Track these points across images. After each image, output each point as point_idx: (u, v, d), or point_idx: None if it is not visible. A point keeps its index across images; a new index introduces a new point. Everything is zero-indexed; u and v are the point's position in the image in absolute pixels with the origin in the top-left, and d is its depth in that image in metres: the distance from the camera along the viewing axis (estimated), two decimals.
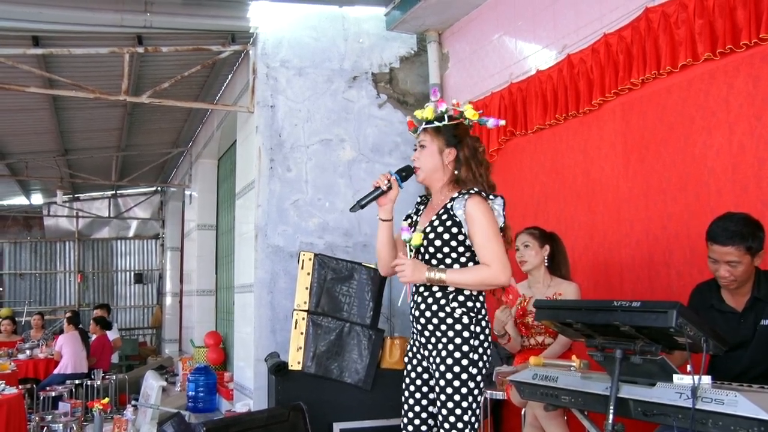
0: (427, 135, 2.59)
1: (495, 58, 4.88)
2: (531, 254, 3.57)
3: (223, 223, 8.29)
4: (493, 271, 2.43)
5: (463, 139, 2.59)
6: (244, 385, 5.51)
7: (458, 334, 2.45)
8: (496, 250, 2.44)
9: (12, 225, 13.23)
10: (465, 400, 2.43)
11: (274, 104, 5.18)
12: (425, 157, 2.58)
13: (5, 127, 7.64)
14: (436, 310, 2.50)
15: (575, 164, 4.09)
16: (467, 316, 2.48)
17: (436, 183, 2.61)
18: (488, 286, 2.52)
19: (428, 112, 2.59)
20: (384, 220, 2.62)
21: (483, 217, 2.45)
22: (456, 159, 2.57)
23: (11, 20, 4.66)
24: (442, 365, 2.45)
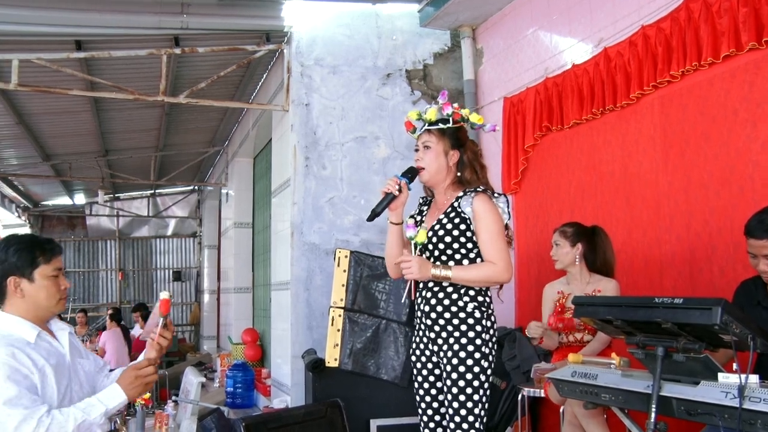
0: (432, 136, 2.63)
1: (530, 53, 4.82)
2: (561, 253, 3.53)
3: (259, 221, 8.37)
4: (497, 268, 2.49)
5: (465, 143, 2.66)
6: (282, 381, 5.57)
7: (471, 328, 2.50)
8: (500, 248, 2.51)
9: (57, 224, 13.60)
10: (476, 393, 2.47)
11: (309, 102, 5.21)
12: (430, 157, 2.62)
13: (50, 129, 7.85)
14: (447, 304, 2.54)
15: (612, 159, 4.03)
16: (479, 310, 2.53)
17: (440, 184, 2.66)
18: (492, 284, 2.57)
19: (431, 113, 2.63)
20: (395, 223, 2.66)
21: (489, 214, 2.52)
22: (459, 161, 2.63)
23: (56, 26, 4.79)
24: (454, 359, 2.48)
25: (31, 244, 2.12)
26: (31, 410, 1.95)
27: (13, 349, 2.00)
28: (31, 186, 11.61)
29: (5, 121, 7.17)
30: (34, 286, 2.09)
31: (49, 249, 2.14)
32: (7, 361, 1.96)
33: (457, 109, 2.63)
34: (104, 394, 2.11)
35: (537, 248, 4.66)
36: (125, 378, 2.16)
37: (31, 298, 2.09)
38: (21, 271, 2.07)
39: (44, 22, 4.73)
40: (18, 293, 2.07)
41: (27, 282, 2.08)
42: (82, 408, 2.04)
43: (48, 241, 2.19)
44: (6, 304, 2.09)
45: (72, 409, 2.03)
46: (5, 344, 2.00)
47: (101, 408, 2.06)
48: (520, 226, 4.84)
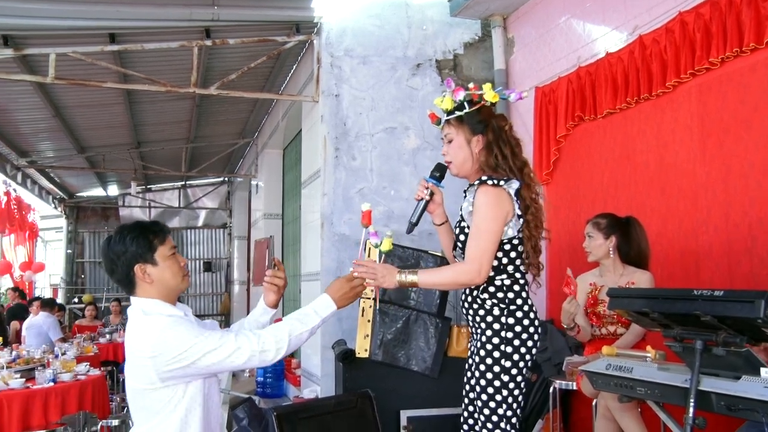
0: (452, 127, 2.46)
1: (562, 42, 4.75)
2: (594, 245, 3.47)
3: (289, 211, 8.42)
4: (465, 269, 2.32)
5: (488, 123, 2.44)
6: (311, 371, 5.60)
7: (489, 326, 2.39)
8: (479, 246, 2.30)
9: (91, 216, 13.85)
10: (499, 393, 2.35)
11: (339, 93, 5.21)
12: (454, 150, 2.46)
13: (85, 121, 7.99)
14: (470, 302, 2.47)
15: (647, 149, 3.95)
16: (498, 307, 2.38)
17: (469, 174, 2.50)
18: (460, 285, 2.42)
19: (447, 102, 2.45)
20: (439, 224, 2.60)
21: (483, 208, 2.32)
22: (485, 145, 2.43)
23: (91, 19, 4.86)
24: (477, 356, 2.43)
25: (144, 230, 2.15)
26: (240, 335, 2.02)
27: (179, 318, 2.08)
28: (66, 178, 11.84)
29: (43, 114, 7.31)
30: (158, 268, 2.11)
31: (160, 230, 2.18)
32: (185, 321, 2.06)
33: (474, 89, 2.44)
34: (317, 304, 2.15)
35: (569, 240, 4.60)
36: (335, 288, 2.21)
37: (159, 281, 2.12)
38: (144, 257, 2.10)
39: (80, 16, 4.80)
40: (147, 279, 2.11)
41: (151, 266, 2.11)
42: (299, 318, 2.11)
43: (156, 224, 2.22)
44: (138, 291, 2.13)
45: (286, 320, 2.10)
46: (171, 315, 2.07)
47: (316, 319, 2.12)
48: (551, 217, 4.77)
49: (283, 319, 2.13)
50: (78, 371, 5.32)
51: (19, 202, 9.96)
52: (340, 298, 2.20)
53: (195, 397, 2.07)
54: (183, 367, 1.99)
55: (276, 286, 2.28)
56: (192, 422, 2.05)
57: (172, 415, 2.04)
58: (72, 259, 13.70)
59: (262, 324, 2.30)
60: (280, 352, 2.05)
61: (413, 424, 3.99)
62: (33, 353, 5.94)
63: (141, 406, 2.08)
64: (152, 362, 1.99)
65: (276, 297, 2.29)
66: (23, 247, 10.91)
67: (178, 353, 1.97)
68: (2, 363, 5.22)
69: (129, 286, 2.15)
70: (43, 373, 4.94)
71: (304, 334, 2.10)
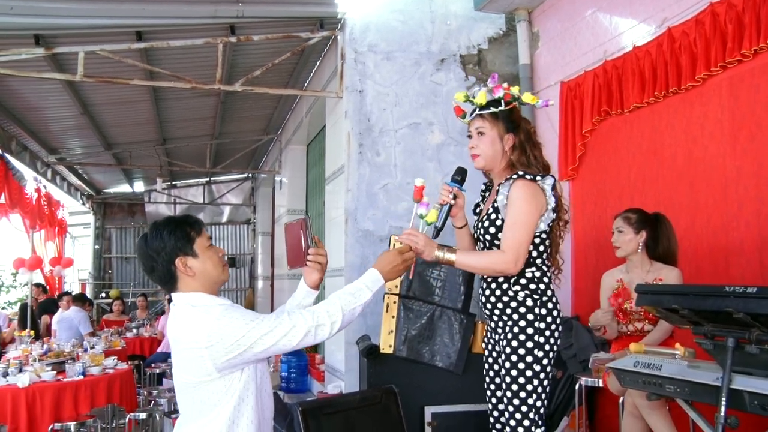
0: (486, 121, 2.54)
1: (588, 36, 4.70)
2: (624, 240, 3.44)
3: (313, 207, 8.44)
4: (504, 258, 2.38)
5: (519, 124, 2.56)
6: (335, 367, 5.62)
7: (522, 317, 2.44)
8: (516, 237, 2.39)
9: (118, 212, 14.03)
10: (530, 383, 2.41)
11: (363, 89, 5.21)
12: (485, 144, 2.54)
13: (112, 118, 8.09)
14: (499, 294, 2.50)
15: (676, 143, 3.89)
16: (530, 298, 2.46)
17: (496, 169, 2.59)
18: (494, 273, 2.46)
19: (481, 97, 2.53)
20: (460, 227, 2.65)
21: (519, 201, 2.41)
22: (515, 144, 2.54)
23: (118, 17, 4.92)
24: (507, 348, 2.45)
25: (180, 223, 2.14)
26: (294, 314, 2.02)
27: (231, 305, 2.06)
28: (94, 174, 12.01)
29: (71, 111, 7.42)
30: (199, 260, 2.09)
31: (195, 222, 2.17)
32: (237, 306, 2.05)
33: (507, 89, 2.53)
34: (366, 279, 2.15)
35: (595, 235, 4.55)
36: (385, 261, 2.20)
37: (201, 273, 2.09)
38: (184, 250, 2.08)
39: (107, 14, 4.86)
40: (189, 272, 2.09)
41: (192, 258, 2.09)
42: (351, 292, 2.10)
43: (190, 216, 2.21)
44: (180, 286, 2.11)
45: (338, 295, 2.09)
46: (221, 305, 2.05)
47: (368, 293, 2.12)
48: (577, 213, 4.73)
49: (332, 295, 2.10)
50: (106, 365, 5.41)
51: (49, 198, 10.12)
52: (389, 271, 2.20)
53: (248, 386, 2.05)
54: (241, 353, 1.97)
55: (320, 264, 2.25)
56: (245, 411, 2.03)
57: (226, 406, 2.02)
58: (99, 254, 13.90)
59: (305, 307, 2.25)
60: (335, 326, 2.03)
61: (437, 420, 3.98)
62: (63, 347, 6.05)
63: (196, 399, 2.05)
64: (209, 352, 1.96)
65: (320, 276, 2.26)
66: (53, 243, 11.09)
67: (235, 339, 1.95)
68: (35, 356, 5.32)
69: (171, 282, 2.12)
70: (73, 366, 5.03)
71: (357, 308, 2.08)
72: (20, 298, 14.68)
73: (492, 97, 2.53)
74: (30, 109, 7.35)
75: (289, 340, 1.99)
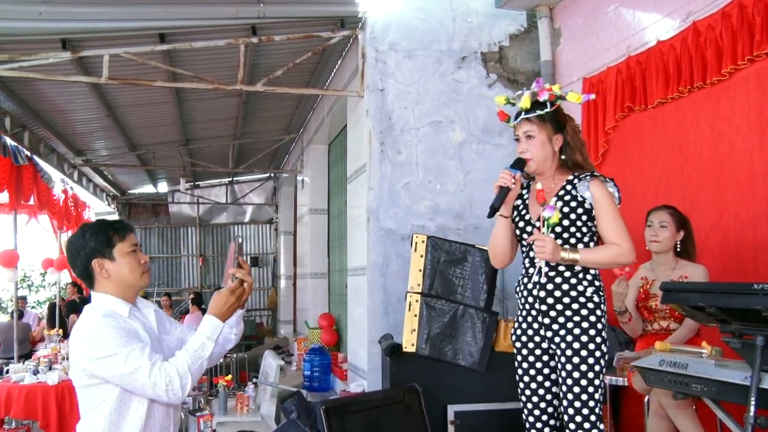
0: (533, 125, 2.57)
1: (611, 31, 4.65)
2: (666, 235, 3.39)
3: (335, 207, 8.47)
4: (624, 249, 2.46)
5: (565, 124, 2.60)
6: (358, 365, 5.64)
7: (592, 312, 2.48)
8: (623, 229, 2.49)
9: (142, 212, 14.21)
10: (597, 378, 2.45)
11: (384, 88, 5.21)
12: (536, 147, 2.57)
13: (136, 120, 8.20)
14: (567, 289, 2.51)
15: (701, 139, 3.84)
16: (597, 294, 2.51)
17: (547, 171, 2.62)
18: (617, 265, 2.58)
19: (526, 101, 2.57)
20: (506, 216, 2.65)
21: (607, 198, 2.51)
22: (564, 144, 2.58)
23: (142, 20, 4.99)
24: (576, 343, 2.45)
25: (103, 226, 2.25)
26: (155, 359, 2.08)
27: (118, 320, 2.14)
28: (119, 175, 12.18)
29: (97, 113, 7.53)
30: (116, 264, 2.20)
31: (121, 227, 2.26)
32: (118, 325, 2.10)
33: (550, 90, 2.56)
34: (206, 329, 2.19)
35: None
36: (218, 305, 2.24)
37: (116, 276, 2.20)
38: (101, 253, 2.19)
39: (131, 17, 4.93)
40: (104, 274, 2.19)
41: (109, 261, 2.19)
42: (196, 349, 2.15)
43: (118, 221, 2.34)
44: (96, 286, 2.23)
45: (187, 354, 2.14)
46: (108, 315, 2.13)
47: (211, 345, 2.17)
48: None
49: (180, 352, 2.15)
50: None
51: (75, 199, 10.28)
52: (224, 312, 2.24)
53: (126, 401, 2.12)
54: (98, 371, 2.07)
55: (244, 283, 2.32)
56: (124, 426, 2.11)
57: (99, 415, 2.10)
58: None
59: (230, 325, 2.35)
60: (185, 388, 2.10)
61: (460, 418, 3.98)
62: None
63: (81, 397, 2.16)
64: (80, 358, 2.08)
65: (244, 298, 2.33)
66: None
67: (99, 356, 2.04)
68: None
69: (89, 281, 2.23)
70: None
71: (204, 363, 2.16)
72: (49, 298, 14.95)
73: (537, 99, 2.57)
74: (57, 111, 7.48)
75: (143, 389, 2.06)
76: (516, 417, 3.98)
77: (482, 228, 5.15)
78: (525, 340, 2.63)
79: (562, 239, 2.53)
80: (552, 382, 2.59)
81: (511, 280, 5.12)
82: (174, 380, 2.05)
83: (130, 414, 2.12)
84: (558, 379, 2.53)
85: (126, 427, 2.12)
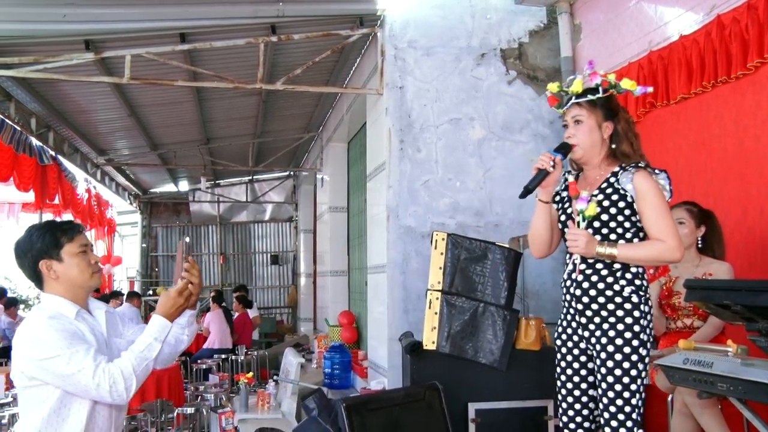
0: (583, 110, 2.47)
1: (632, 26, 4.60)
2: (684, 232, 3.34)
3: (354, 204, 8.48)
4: (668, 246, 2.32)
5: (618, 112, 2.49)
6: (378, 363, 5.64)
7: (629, 314, 2.37)
8: (669, 224, 2.35)
9: (163, 211, 14.34)
10: (634, 382, 2.34)
11: (403, 85, 5.20)
12: (583, 133, 2.47)
13: (157, 119, 8.28)
14: (603, 288, 2.41)
15: (725, 134, 3.78)
16: (636, 294, 2.39)
17: (594, 159, 2.51)
18: (661, 263, 2.49)
19: (577, 85, 2.47)
20: (545, 201, 2.56)
21: (653, 191, 2.36)
22: (614, 133, 2.46)
23: (163, 20, 5.04)
24: (610, 346, 2.36)
25: (51, 227, 2.24)
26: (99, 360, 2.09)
27: (62, 321, 2.15)
28: (140, 174, 12.30)
29: (119, 113, 7.62)
30: (64, 265, 2.20)
31: (70, 228, 2.26)
32: (62, 327, 2.11)
33: (604, 76, 2.47)
34: (153, 330, 2.20)
35: None
36: (166, 306, 2.25)
37: (64, 277, 2.20)
38: (49, 254, 2.19)
39: (152, 18, 4.98)
40: (52, 275, 2.20)
41: (57, 263, 2.20)
42: (142, 350, 2.15)
43: (67, 222, 2.32)
44: (45, 287, 2.23)
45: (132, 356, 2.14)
46: (53, 317, 2.14)
47: (157, 345, 2.18)
48: None
49: (126, 353, 2.15)
50: None
51: (98, 198, 10.43)
52: (172, 313, 2.24)
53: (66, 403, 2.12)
54: (40, 374, 2.06)
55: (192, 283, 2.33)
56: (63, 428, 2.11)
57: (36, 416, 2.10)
58: (146, 252, 14.23)
59: (181, 326, 2.37)
60: (130, 390, 2.09)
61: (481, 416, 3.96)
62: None
63: (22, 397, 2.16)
64: (22, 359, 2.08)
65: (194, 298, 2.35)
66: (103, 242, 11.42)
67: (41, 357, 2.04)
68: None
69: (38, 282, 2.23)
70: None
71: (150, 363, 2.16)
72: None
73: (589, 84, 2.47)
74: (81, 112, 7.58)
75: (86, 390, 2.06)
76: (538, 415, 3.98)
77: (502, 225, 5.13)
78: (564, 338, 2.56)
79: (602, 235, 2.41)
80: (589, 384, 2.50)
81: (531, 278, 5.09)
82: (118, 381, 2.06)
83: (70, 416, 2.12)
84: (595, 381, 2.45)
85: (67, 429, 2.12)
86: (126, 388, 2.07)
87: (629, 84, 2.49)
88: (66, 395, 2.11)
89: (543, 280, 5.14)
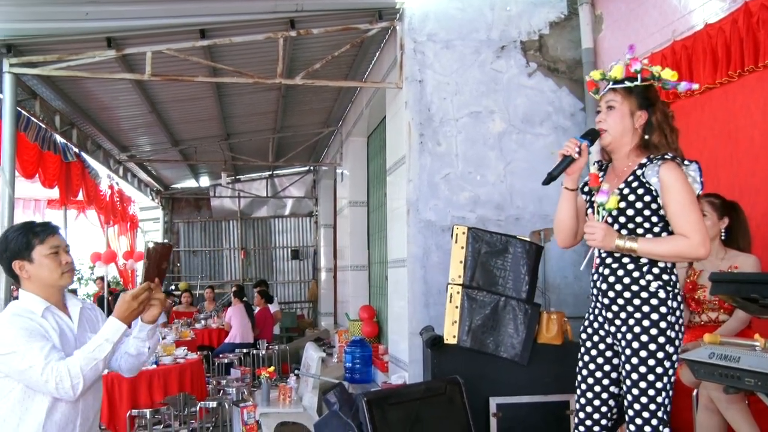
0: (617, 95, 2.42)
1: (655, 15, 4.52)
2: (707, 225, 3.29)
3: (374, 199, 8.48)
4: (692, 242, 2.24)
5: (655, 103, 2.41)
6: (399, 357, 5.64)
7: (655, 310, 2.30)
8: (694, 219, 2.25)
9: (185, 206, 14.47)
10: (660, 380, 2.29)
11: (423, 79, 5.18)
12: (614, 119, 2.41)
13: (178, 115, 8.35)
14: (628, 283, 2.35)
15: (752, 125, 3.71)
16: (664, 290, 2.31)
17: (623, 148, 2.44)
18: (683, 259, 2.38)
19: (617, 71, 2.42)
20: (570, 189, 2.51)
21: (678, 183, 2.27)
22: (647, 123, 2.39)
23: (183, 17, 5.06)
24: (635, 342, 2.31)
25: (24, 230, 2.38)
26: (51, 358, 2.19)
27: (25, 318, 2.27)
28: (162, 170, 12.42)
29: (140, 110, 7.70)
30: (34, 265, 2.34)
31: (42, 231, 2.38)
32: (22, 324, 2.24)
33: (646, 65, 2.42)
34: (107, 331, 2.31)
35: None
36: (121, 309, 2.34)
37: (35, 277, 2.34)
38: (21, 255, 2.34)
39: (173, 14, 5.01)
40: (24, 274, 2.35)
41: (28, 263, 2.34)
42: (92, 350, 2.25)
43: (41, 224, 2.43)
44: (22, 286, 2.37)
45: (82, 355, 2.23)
46: (17, 314, 2.28)
47: (108, 346, 2.27)
48: None
49: (77, 352, 2.24)
50: (177, 355, 5.60)
51: (121, 194, 10.54)
52: (127, 316, 2.33)
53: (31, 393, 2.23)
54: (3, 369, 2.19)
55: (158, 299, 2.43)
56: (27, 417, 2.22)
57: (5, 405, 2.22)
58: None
59: (142, 339, 2.46)
60: (77, 388, 2.19)
61: (503, 410, 3.95)
62: None
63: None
64: None
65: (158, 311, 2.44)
66: (125, 237, 11.55)
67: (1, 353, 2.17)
68: None
69: (16, 280, 2.38)
70: None
71: (99, 363, 2.25)
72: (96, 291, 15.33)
73: (629, 70, 2.42)
74: (103, 109, 7.66)
75: (37, 386, 2.18)
76: (559, 409, 3.96)
77: (523, 219, 5.09)
78: (590, 332, 2.51)
79: (628, 229, 2.35)
80: (611, 380, 2.45)
81: (552, 271, 5.05)
82: (64, 379, 2.16)
83: (33, 406, 2.23)
84: (618, 378, 2.41)
85: (29, 418, 2.23)
86: (72, 386, 2.18)
87: (670, 74, 2.42)
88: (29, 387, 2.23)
89: (564, 274, 5.10)
